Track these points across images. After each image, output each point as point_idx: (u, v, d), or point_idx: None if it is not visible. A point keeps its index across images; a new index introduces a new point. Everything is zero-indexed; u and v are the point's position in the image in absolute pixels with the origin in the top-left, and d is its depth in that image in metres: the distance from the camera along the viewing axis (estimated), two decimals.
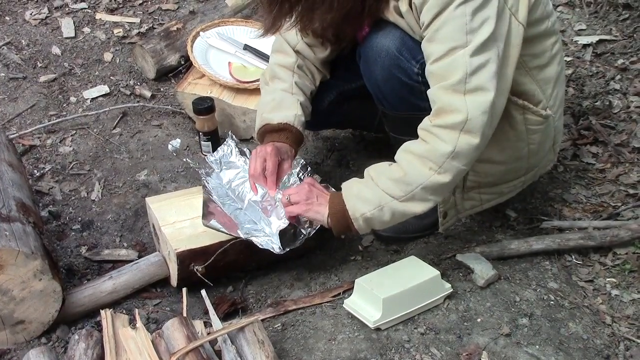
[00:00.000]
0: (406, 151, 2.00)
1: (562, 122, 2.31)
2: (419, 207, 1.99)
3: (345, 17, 2.04)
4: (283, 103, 2.32)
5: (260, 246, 2.12)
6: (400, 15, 2.05)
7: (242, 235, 2.15)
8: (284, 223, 2.16)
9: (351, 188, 2.06)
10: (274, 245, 2.13)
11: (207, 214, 2.19)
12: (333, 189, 2.21)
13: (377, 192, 1.99)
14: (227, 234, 2.15)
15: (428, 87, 1.97)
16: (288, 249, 2.14)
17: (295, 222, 2.18)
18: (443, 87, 1.91)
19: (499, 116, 1.98)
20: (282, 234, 2.17)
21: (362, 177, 2.07)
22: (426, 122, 1.96)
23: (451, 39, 1.88)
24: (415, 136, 1.99)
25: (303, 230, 2.18)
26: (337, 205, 2.06)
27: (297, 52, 2.36)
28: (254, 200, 2.26)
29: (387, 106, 2.22)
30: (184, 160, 2.53)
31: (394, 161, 2.03)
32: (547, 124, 2.17)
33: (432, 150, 1.93)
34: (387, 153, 2.20)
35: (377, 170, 2.03)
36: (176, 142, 2.47)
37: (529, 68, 2.09)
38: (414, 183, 1.95)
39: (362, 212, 2.02)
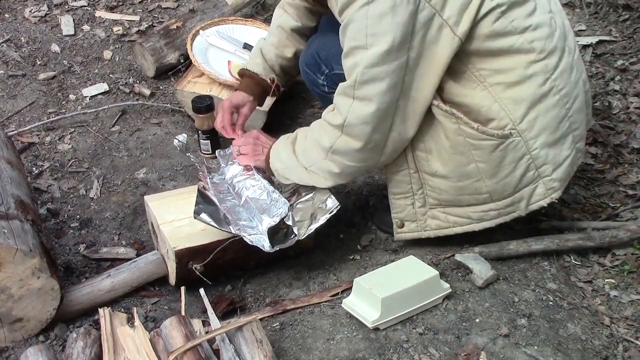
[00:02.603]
0: (311, 128, 2.18)
1: (555, 151, 2.10)
2: (320, 181, 2.20)
3: None
4: (256, 53, 2.56)
5: (250, 243, 2.12)
6: None
7: (232, 231, 2.15)
8: (274, 221, 2.16)
9: (278, 145, 2.28)
10: (264, 243, 2.13)
11: (198, 207, 2.20)
12: None
13: (290, 156, 2.22)
14: (217, 228, 2.15)
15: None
16: (277, 248, 2.14)
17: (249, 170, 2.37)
18: (341, 86, 2.04)
19: (405, 123, 2.06)
20: (274, 232, 2.16)
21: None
22: (325, 111, 2.13)
23: (354, 39, 1.97)
24: None
25: (295, 231, 2.18)
26: (269, 155, 2.29)
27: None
28: (251, 197, 2.26)
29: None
30: (187, 154, 2.53)
31: None
32: (506, 144, 2.05)
33: (318, 140, 2.12)
34: None
35: (301, 135, 2.22)
36: (182, 137, 2.47)
37: (488, 83, 2.03)
38: (311, 160, 2.17)
39: (276, 168, 2.26)
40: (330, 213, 2.19)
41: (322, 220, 2.19)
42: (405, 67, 1.96)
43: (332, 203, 2.21)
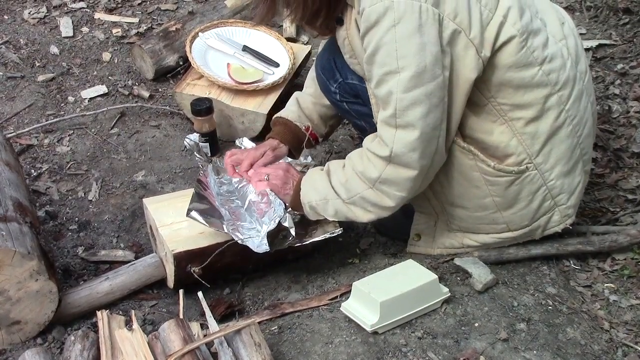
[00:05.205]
0: (351, 159, 2.09)
1: (569, 180, 2.13)
2: (360, 214, 2.10)
3: (310, 19, 2.06)
4: (292, 101, 2.46)
5: (241, 243, 2.12)
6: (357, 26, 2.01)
7: (225, 230, 2.14)
8: (273, 224, 2.16)
9: (312, 175, 2.17)
10: (255, 243, 2.13)
11: (192, 205, 2.20)
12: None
13: (327, 187, 2.11)
14: (206, 225, 2.15)
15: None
16: (268, 250, 2.13)
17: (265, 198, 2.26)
18: (381, 116, 1.97)
19: (444, 146, 2.00)
20: (274, 235, 2.16)
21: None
22: (367, 141, 2.05)
23: (384, 64, 1.90)
24: None
25: (292, 232, 2.18)
26: (298, 188, 2.18)
27: None
28: (253, 200, 2.26)
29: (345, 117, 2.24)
30: (195, 154, 2.53)
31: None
32: (522, 179, 2.07)
33: (365, 172, 2.03)
34: None
35: (334, 166, 2.13)
36: (194, 136, 2.47)
37: (509, 118, 2.03)
38: (354, 191, 2.06)
39: (309, 200, 2.14)
40: (331, 234, 2.20)
41: (320, 237, 2.20)
42: (444, 87, 1.92)
43: (333, 226, 2.21)
